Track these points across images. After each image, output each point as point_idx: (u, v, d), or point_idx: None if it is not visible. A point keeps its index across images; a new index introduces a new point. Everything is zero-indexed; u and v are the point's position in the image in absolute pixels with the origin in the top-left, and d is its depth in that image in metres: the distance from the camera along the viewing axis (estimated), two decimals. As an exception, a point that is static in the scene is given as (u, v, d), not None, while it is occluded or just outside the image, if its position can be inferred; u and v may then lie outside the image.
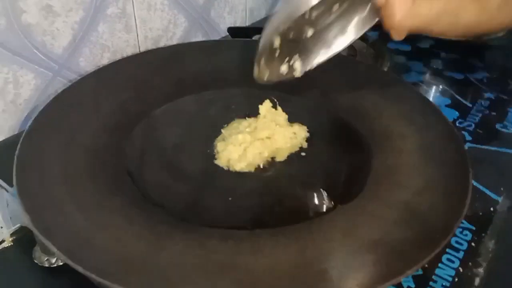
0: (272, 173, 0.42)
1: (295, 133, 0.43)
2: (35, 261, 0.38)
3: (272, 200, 0.39)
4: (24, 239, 0.39)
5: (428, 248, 0.29)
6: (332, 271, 0.29)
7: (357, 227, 0.32)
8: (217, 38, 0.73)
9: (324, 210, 0.35)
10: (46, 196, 0.33)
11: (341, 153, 0.44)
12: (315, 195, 0.38)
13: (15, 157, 0.36)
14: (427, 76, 0.66)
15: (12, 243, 0.40)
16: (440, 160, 0.39)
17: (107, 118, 0.43)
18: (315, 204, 0.38)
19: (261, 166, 0.42)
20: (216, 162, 0.42)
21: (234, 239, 0.31)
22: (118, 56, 0.60)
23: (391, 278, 0.27)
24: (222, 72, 0.52)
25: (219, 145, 0.42)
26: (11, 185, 0.37)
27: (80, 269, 0.27)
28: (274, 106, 0.44)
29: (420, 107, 0.46)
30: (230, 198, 0.38)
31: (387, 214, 0.33)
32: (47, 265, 0.37)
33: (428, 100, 0.47)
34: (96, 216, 0.32)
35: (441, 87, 0.64)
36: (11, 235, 0.40)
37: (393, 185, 0.36)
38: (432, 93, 0.62)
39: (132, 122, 0.44)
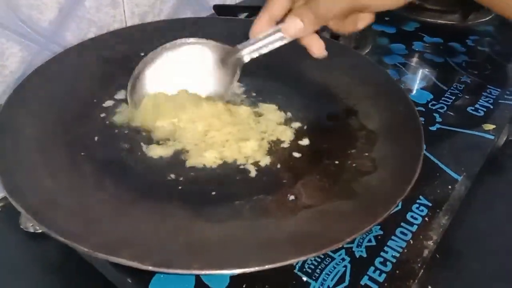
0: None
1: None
2: (21, 226, 0.41)
3: (231, 172, 0.40)
4: (11, 206, 0.42)
5: (368, 220, 0.32)
6: (278, 238, 0.31)
7: (309, 198, 0.35)
8: (206, 15, 0.74)
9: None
10: (19, 160, 0.36)
11: (307, 126, 0.46)
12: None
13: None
14: (408, 59, 0.67)
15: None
16: (396, 140, 0.41)
17: (84, 92, 0.45)
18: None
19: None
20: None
21: (192, 206, 0.33)
22: (105, 31, 0.61)
23: (330, 245, 0.30)
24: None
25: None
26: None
27: (44, 229, 0.29)
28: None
29: (387, 89, 0.47)
30: (192, 173, 0.40)
31: (337, 189, 0.36)
32: (32, 231, 0.40)
33: (395, 82, 0.49)
34: (66, 181, 0.34)
35: (420, 70, 0.65)
36: (-1, 202, 0.43)
37: (348, 162, 0.38)
38: (410, 76, 0.63)
39: (108, 96, 0.46)
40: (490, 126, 0.53)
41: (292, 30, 0.38)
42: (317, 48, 0.40)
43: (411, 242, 0.40)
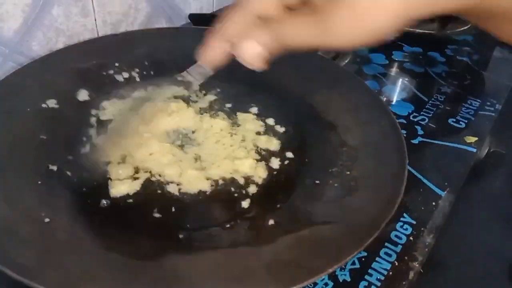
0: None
1: None
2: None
3: (207, 200, 0.38)
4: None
5: (351, 247, 0.30)
6: (256, 269, 0.29)
7: (289, 223, 0.33)
8: (181, 24, 0.72)
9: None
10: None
11: (285, 143, 0.44)
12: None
13: None
14: (387, 69, 0.66)
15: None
16: (379, 157, 0.39)
17: (50, 107, 0.42)
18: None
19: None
20: None
21: (162, 235, 0.31)
22: (75, 41, 0.58)
23: (311, 276, 0.28)
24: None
25: None
26: None
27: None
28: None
29: (368, 102, 0.46)
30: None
31: (318, 211, 0.34)
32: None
33: (375, 95, 0.48)
34: (21, 207, 0.31)
35: (400, 80, 0.64)
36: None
37: (330, 181, 0.37)
38: (390, 87, 0.62)
39: (69, 113, 0.43)
40: (472, 139, 0.53)
41: (248, 56, 0.29)
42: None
43: (396, 264, 0.38)
